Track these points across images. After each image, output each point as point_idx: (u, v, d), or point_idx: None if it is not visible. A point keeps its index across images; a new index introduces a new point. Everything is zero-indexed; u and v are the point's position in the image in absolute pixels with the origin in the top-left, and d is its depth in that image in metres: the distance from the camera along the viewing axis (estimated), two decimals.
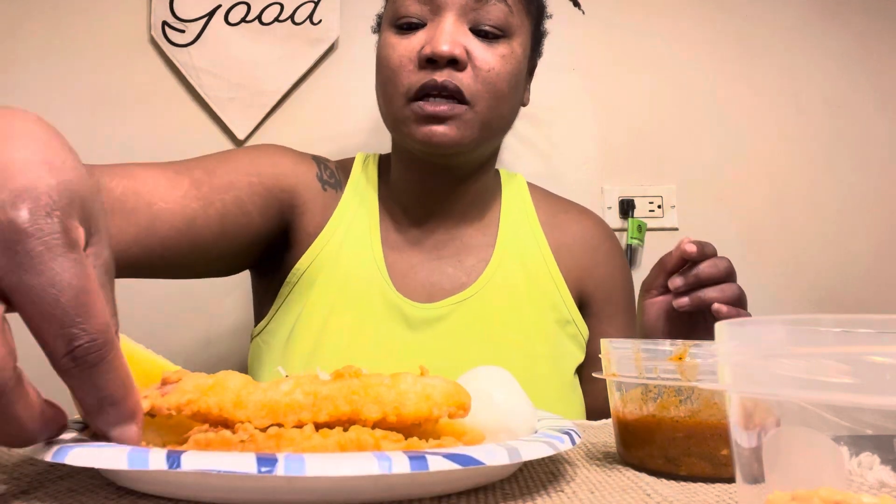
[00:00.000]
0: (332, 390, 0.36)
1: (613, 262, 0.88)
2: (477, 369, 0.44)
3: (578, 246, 0.86)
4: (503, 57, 0.75)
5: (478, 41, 0.74)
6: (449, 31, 0.72)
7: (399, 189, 0.83)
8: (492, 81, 0.74)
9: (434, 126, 0.72)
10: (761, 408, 0.27)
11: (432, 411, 0.36)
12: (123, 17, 1.17)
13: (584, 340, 0.84)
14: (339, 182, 0.84)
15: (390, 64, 0.75)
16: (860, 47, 1.27)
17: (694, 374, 0.40)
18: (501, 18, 0.75)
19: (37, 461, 0.42)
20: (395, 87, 0.74)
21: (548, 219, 0.87)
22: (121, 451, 0.31)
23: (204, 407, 0.35)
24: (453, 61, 0.72)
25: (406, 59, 0.74)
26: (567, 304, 0.83)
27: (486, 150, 0.80)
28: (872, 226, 1.24)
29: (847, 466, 0.25)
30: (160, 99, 1.17)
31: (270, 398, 0.35)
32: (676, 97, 1.24)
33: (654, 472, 0.42)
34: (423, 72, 0.73)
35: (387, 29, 0.77)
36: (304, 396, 0.35)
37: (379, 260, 0.79)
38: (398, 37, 0.75)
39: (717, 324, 0.29)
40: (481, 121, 0.74)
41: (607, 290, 0.86)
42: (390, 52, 0.75)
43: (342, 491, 0.33)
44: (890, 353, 0.22)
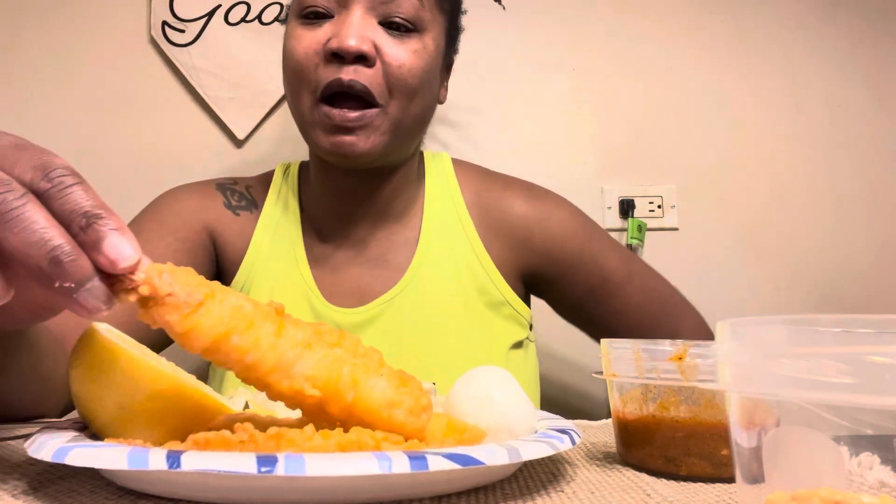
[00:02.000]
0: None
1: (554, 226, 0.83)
2: (476, 369, 0.44)
3: (508, 222, 0.82)
4: (415, 52, 0.71)
5: (388, 36, 0.71)
6: (356, 25, 0.69)
7: (318, 195, 0.81)
8: (403, 77, 0.70)
9: (342, 136, 0.69)
10: (761, 408, 0.27)
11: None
12: (123, 17, 1.17)
13: (524, 318, 0.83)
14: (254, 201, 0.83)
15: (295, 56, 0.71)
16: (860, 48, 1.27)
17: (694, 374, 0.40)
18: (412, 12, 0.71)
19: (37, 461, 0.42)
20: (301, 82, 0.71)
21: (474, 199, 0.84)
22: (121, 452, 0.31)
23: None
24: (361, 57, 0.69)
25: (312, 52, 0.71)
26: (498, 285, 0.80)
27: (401, 153, 0.78)
28: (872, 226, 1.24)
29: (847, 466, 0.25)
30: (160, 99, 1.17)
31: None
32: (676, 97, 1.24)
33: (654, 472, 0.42)
34: (330, 67, 0.69)
35: (293, 19, 0.74)
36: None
37: (305, 272, 0.78)
38: (304, 28, 0.72)
39: (717, 323, 0.29)
40: (392, 123, 0.71)
41: (556, 254, 0.82)
42: (295, 44, 0.72)
43: (342, 491, 0.33)
44: (890, 353, 0.22)
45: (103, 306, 0.31)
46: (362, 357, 0.36)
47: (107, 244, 0.31)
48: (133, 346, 0.38)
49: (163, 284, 0.33)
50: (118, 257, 0.31)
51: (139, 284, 0.32)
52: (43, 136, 0.98)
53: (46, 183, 0.31)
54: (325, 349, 0.35)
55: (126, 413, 0.37)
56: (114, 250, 0.31)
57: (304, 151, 0.82)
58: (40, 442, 0.34)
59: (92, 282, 0.31)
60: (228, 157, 1.17)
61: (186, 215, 0.78)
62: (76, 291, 0.30)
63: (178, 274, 0.34)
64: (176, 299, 0.33)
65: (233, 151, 1.18)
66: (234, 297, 0.35)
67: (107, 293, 0.31)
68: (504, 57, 1.23)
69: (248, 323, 0.34)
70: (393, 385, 0.36)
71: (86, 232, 0.31)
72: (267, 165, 0.92)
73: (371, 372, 0.36)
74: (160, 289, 0.33)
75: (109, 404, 0.37)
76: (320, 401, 0.35)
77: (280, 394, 0.35)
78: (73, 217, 0.31)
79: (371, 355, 0.37)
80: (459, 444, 0.36)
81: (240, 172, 1.14)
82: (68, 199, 0.31)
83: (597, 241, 0.84)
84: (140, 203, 0.80)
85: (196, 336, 0.33)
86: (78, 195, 0.31)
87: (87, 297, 0.31)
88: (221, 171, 1.14)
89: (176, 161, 1.16)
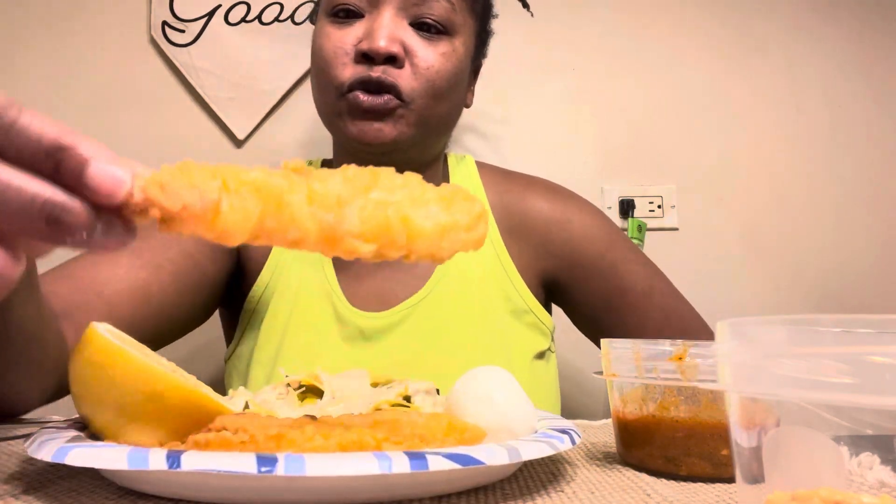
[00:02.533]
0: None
1: (575, 228, 0.81)
2: (477, 370, 0.44)
3: (529, 223, 0.81)
4: (444, 55, 0.72)
5: (418, 37, 0.71)
6: (387, 27, 0.69)
7: None
8: (431, 79, 0.71)
9: (370, 122, 0.69)
10: (761, 408, 0.27)
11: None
12: (123, 17, 1.17)
13: (546, 328, 0.81)
14: None
15: (324, 55, 0.71)
16: (860, 48, 1.27)
17: (694, 374, 0.40)
18: (444, 15, 0.71)
19: (37, 461, 0.42)
20: (329, 79, 0.71)
21: (497, 201, 0.83)
22: (121, 451, 0.31)
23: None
24: (391, 58, 0.69)
25: (341, 50, 0.70)
26: (521, 292, 0.79)
27: (427, 151, 0.78)
28: (872, 226, 1.24)
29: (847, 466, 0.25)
30: (160, 99, 1.17)
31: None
32: (676, 97, 1.24)
33: (654, 472, 0.42)
34: (359, 66, 0.69)
35: (323, 17, 0.74)
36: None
37: (330, 274, 0.78)
38: (334, 26, 0.72)
39: (717, 323, 0.29)
40: (418, 119, 0.71)
41: (574, 258, 0.80)
42: (324, 42, 0.72)
43: (342, 491, 0.33)
44: (890, 353, 0.22)
45: (127, 239, 0.29)
46: (402, 188, 0.34)
47: (89, 178, 0.27)
48: (133, 347, 0.38)
49: (171, 201, 0.29)
50: (108, 187, 0.28)
51: (146, 206, 0.29)
52: None
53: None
54: (362, 197, 0.33)
55: (126, 413, 0.37)
56: (100, 181, 0.27)
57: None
58: (40, 442, 0.34)
59: (100, 220, 0.28)
60: (228, 157, 1.17)
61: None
62: (90, 238, 0.28)
63: (179, 177, 0.30)
64: (192, 209, 0.29)
65: (233, 151, 1.18)
66: (246, 176, 0.31)
67: (121, 226, 0.29)
68: (504, 57, 1.23)
69: (277, 200, 0.31)
70: (442, 208, 0.34)
71: (60, 172, 0.27)
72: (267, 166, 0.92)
73: (417, 202, 0.33)
74: (171, 207, 0.29)
75: (110, 405, 0.37)
76: (376, 252, 0.32)
77: (336, 255, 0.33)
78: (36, 160, 0.27)
79: (409, 184, 0.34)
80: (459, 444, 0.36)
81: None
82: (20, 140, 0.27)
83: (619, 249, 0.81)
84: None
85: (230, 236, 0.30)
86: (29, 131, 0.27)
87: (103, 240, 0.28)
88: None
89: (175, 161, 1.15)
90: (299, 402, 0.50)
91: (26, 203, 0.26)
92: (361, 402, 0.47)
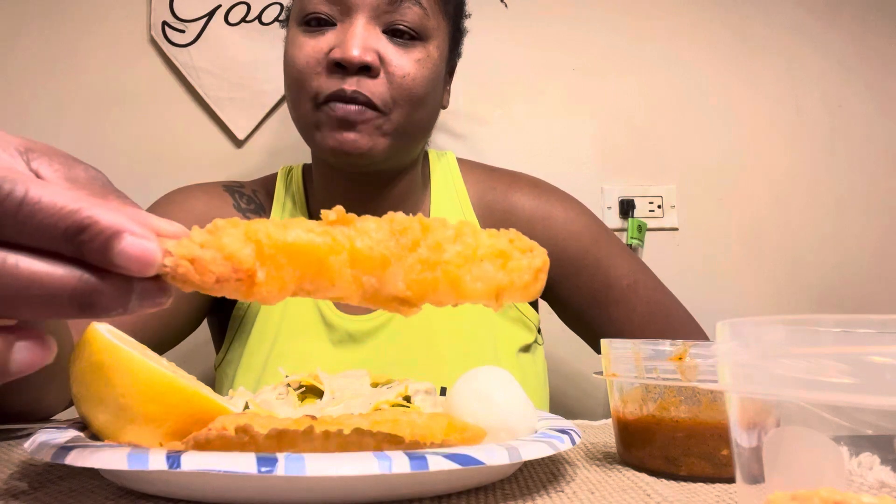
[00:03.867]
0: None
1: (559, 225, 0.81)
2: (476, 369, 0.44)
3: (511, 220, 0.80)
4: (419, 61, 0.71)
5: (392, 45, 0.70)
6: (360, 35, 0.68)
7: (323, 200, 0.80)
8: (407, 87, 0.70)
9: (345, 133, 0.68)
10: (761, 408, 0.27)
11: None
12: (123, 17, 1.17)
13: (531, 321, 0.82)
14: (261, 205, 0.81)
15: (296, 65, 0.70)
16: (860, 48, 1.27)
17: (694, 374, 0.40)
18: (416, 21, 0.70)
19: (37, 461, 0.42)
20: (302, 90, 0.70)
21: (479, 199, 0.83)
22: (121, 452, 0.31)
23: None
24: (365, 68, 0.68)
25: (314, 60, 0.69)
26: None
27: (405, 157, 0.77)
28: (872, 225, 1.24)
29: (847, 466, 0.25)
30: (160, 99, 1.17)
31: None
32: (676, 97, 1.24)
33: (654, 472, 0.42)
34: (333, 78, 0.68)
35: (294, 26, 0.72)
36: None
37: None
38: (305, 35, 0.71)
39: (717, 324, 0.29)
40: (395, 128, 0.70)
41: (558, 254, 0.79)
42: (297, 52, 0.70)
43: (342, 491, 0.33)
44: (890, 353, 0.22)
45: (163, 301, 0.27)
46: (452, 242, 0.31)
47: (117, 258, 0.25)
48: (133, 348, 0.38)
49: (203, 277, 0.28)
50: (139, 267, 0.25)
51: (178, 274, 0.27)
52: (42, 136, 0.98)
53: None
54: (409, 255, 0.30)
55: (126, 414, 0.37)
56: (129, 261, 0.25)
57: (305, 152, 0.82)
58: (40, 442, 0.34)
59: (133, 293, 0.26)
60: (228, 157, 1.17)
61: (198, 214, 0.76)
62: (129, 307, 0.26)
63: (210, 246, 0.28)
64: (225, 285, 0.28)
65: (233, 151, 1.18)
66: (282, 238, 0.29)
67: (156, 289, 0.27)
68: (504, 57, 1.23)
69: (317, 264, 0.29)
70: (499, 265, 0.31)
71: (84, 254, 0.25)
72: (267, 166, 0.92)
73: (468, 260, 0.31)
74: (203, 284, 0.28)
75: (109, 405, 0.37)
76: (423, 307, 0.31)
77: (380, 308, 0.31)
78: (57, 245, 0.24)
79: (462, 233, 0.32)
80: (459, 444, 0.36)
81: (240, 173, 1.14)
82: (32, 223, 0.24)
83: (604, 244, 0.82)
84: (139, 203, 0.80)
85: (269, 299, 0.29)
86: (40, 213, 0.24)
87: (142, 304, 0.26)
88: (221, 171, 1.14)
89: (176, 161, 1.16)
90: (299, 402, 0.50)
91: (54, 293, 0.24)
92: (361, 402, 0.48)
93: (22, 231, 0.24)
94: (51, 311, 0.24)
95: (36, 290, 0.24)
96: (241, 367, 0.76)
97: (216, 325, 0.85)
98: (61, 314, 0.25)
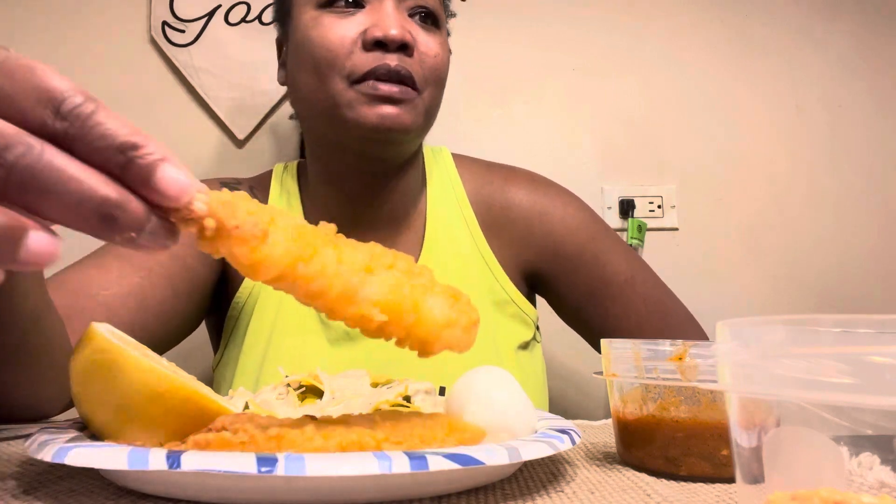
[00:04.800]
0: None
1: (556, 221, 0.81)
2: (476, 369, 0.44)
3: (509, 216, 0.81)
4: (441, 44, 0.73)
5: (419, 27, 0.72)
6: (395, 15, 0.69)
7: (323, 198, 0.79)
8: (437, 68, 0.72)
9: (388, 107, 0.68)
10: (761, 408, 0.27)
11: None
12: (123, 17, 1.17)
13: (529, 318, 0.81)
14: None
15: (328, 45, 0.69)
16: (860, 48, 1.27)
17: (694, 374, 0.40)
18: (435, 7, 0.74)
19: (37, 461, 0.42)
20: (333, 69, 0.69)
21: (477, 195, 0.82)
22: (121, 451, 0.31)
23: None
24: (403, 46, 0.69)
25: (348, 39, 0.69)
26: (503, 283, 0.79)
27: (419, 141, 0.78)
28: (872, 225, 1.24)
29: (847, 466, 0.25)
30: (160, 99, 1.17)
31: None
32: (677, 97, 1.24)
33: (654, 472, 0.42)
34: (370, 54, 0.68)
35: (309, 10, 0.72)
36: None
37: None
38: (334, 16, 0.70)
39: (717, 324, 0.29)
40: (426, 107, 0.72)
41: (556, 250, 0.80)
42: (326, 33, 0.70)
43: (342, 491, 0.33)
44: (890, 353, 0.22)
45: (168, 243, 0.29)
46: (417, 276, 0.36)
47: (159, 179, 0.27)
48: (134, 348, 0.38)
49: (228, 215, 0.30)
50: (176, 191, 0.27)
51: (202, 216, 0.29)
52: None
53: (61, 121, 0.26)
54: (385, 272, 0.35)
55: (125, 415, 0.37)
56: (168, 184, 0.27)
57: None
58: (40, 442, 0.34)
59: (150, 222, 0.28)
60: (228, 157, 1.17)
61: None
62: (137, 238, 0.27)
63: (237, 200, 0.31)
64: (242, 231, 0.30)
65: (233, 151, 1.18)
66: (291, 221, 0.33)
67: (168, 230, 0.28)
68: (504, 57, 1.23)
69: (313, 249, 0.33)
70: (448, 304, 0.36)
71: (128, 169, 0.27)
72: (267, 166, 0.92)
73: (427, 292, 0.35)
74: (227, 221, 0.30)
75: (109, 406, 0.37)
76: (383, 324, 0.34)
77: (344, 318, 0.34)
78: (107, 155, 0.27)
79: (424, 274, 0.36)
80: (459, 444, 0.36)
81: (240, 172, 1.13)
82: (94, 134, 0.26)
83: (601, 240, 0.82)
84: None
85: (265, 267, 0.31)
86: (103, 127, 0.27)
87: (149, 240, 0.28)
88: (221, 171, 1.14)
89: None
90: (299, 403, 0.50)
91: (86, 196, 0.26)
92: (361, 403, 0.48)
93: (82, 140, 0.26)
94: (75, 214, 0.26)
95: (73, 187, 0.26)
96: (238, 367, 0.76)
97: (213, 327, 0.85)
98: (81, 219, 0.26)
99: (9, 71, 0.26)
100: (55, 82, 0.26)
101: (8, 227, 0.25)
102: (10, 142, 0.25)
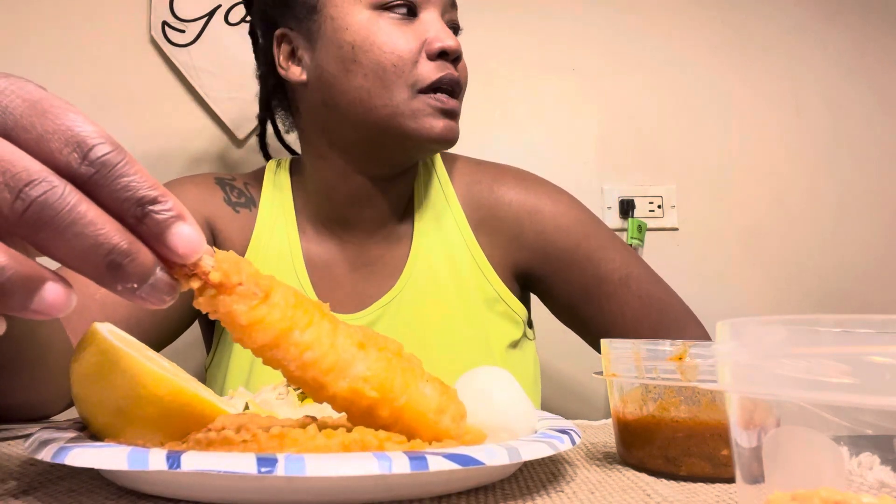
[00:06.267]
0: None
1: (547, 219, 0.80)
2: (477, 369, 0.44)
3: (499, 216, 0.81)
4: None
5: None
6: (446, 28, 0.73)
7: (321, 197, 0.80)
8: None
9: (450, 121, 0.73)
10: (761, 408, 0.26)
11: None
12: (123, 17, 1.17)
13: (518, 316, 0.81)
14: (252, 199, 0.81)
15: (398, 52, 0.70)
16: (861, 48, 1.27)
17: (694, 374, 0.40)
18: (458, 20, 0.78)
19: (37, 461, 0.42)
20: (399, 77, 0.70)
21: (465, 193, 0.82)
22: (121, 451, 0.31)
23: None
24: (457, 57, 0.73)
25: (415, 48, 0.71)
26: (492, 281, 0.79)
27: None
28: (872, 226, 1.24)
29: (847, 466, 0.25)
30: (160, 99, 1.17)
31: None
32: (677, 97, 1.24)
33: (654, 472, 0.42)
34: (435, 63, 0.71)
35: (366, 8, 0.72)
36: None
37: (303, 277, 0.77)
38: (394, 22, 0.71)
39: (717, 324, 0.29)
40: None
41: (548, 249, 0.80)
42: (395, 39, 0.71)
43: (342, 491, 0.33)
44: (890, 353, 0.22)
45: (167, 298, 0.29)
46: (407, 361, 0.37)
47: (172, 236, 0.28)
48: (135, 349, 0.38)
49: (233, 272, 0.30)
50: (187, 249, 0.28)
51: (207, 272, 0.30)
52: None
53: (88, 167, 0.26)
54: (377, 351, 0.35)
55: (126, 416, 0.37)
56: (181, 241, 0.28)
57: None
58: (40, 442, 0.34)
59: (154, 276, 0.28)
60: (228, 156, 1.17)
61: (188, 206, 0.76)
62: (138, 289, 0.28)
63: (242, 262, 0.31)
64: (245, 290, 0.31)
65: (233, 151, 1.18)
66: (291, 290, 0.33)
67: (170, 285, 0.29)
68: (504, 57, 1.23)
69: (309, 319, 0.33)
70: (438, 391, 0.36)
71: (144, 222, 0.27)
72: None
73: (419, 378, 0.36)
74: (231, 277, 0.30)
75: (109, 407, 0.37)
76: (374, 402, 0.34)
77: (334, 395, 0.34)
78: (126, 206, 0.27)
79: (413, 360, 0.37)
80: (459, 445, 0.36)
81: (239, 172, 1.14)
82: (118, 184, 0.27)
83: (594, 237, 0.81)
84: None
85: (261, 329, 0.31)
86: (128, 179, 0.27)
87: (150, 292, 0.28)
88: (221, 170, 1.14)
89: (175, 161, 1.16)
90: (299, 403, 0.50)
91: (99, 242, 0.26)
92: None
93: (106, 187, 0.27)
94: (83, 258, 0.26)
95: (89, 231, 0.26)
96: (229, 368, 0.76)
97: (206, 327, 0.86)
98: (89, 264, 0.27)
99: (42, 111, 0.27)
100: (87, 127, 0.27)
101: (27, 276, 0.25)
102: (35, 178, 0.25)
